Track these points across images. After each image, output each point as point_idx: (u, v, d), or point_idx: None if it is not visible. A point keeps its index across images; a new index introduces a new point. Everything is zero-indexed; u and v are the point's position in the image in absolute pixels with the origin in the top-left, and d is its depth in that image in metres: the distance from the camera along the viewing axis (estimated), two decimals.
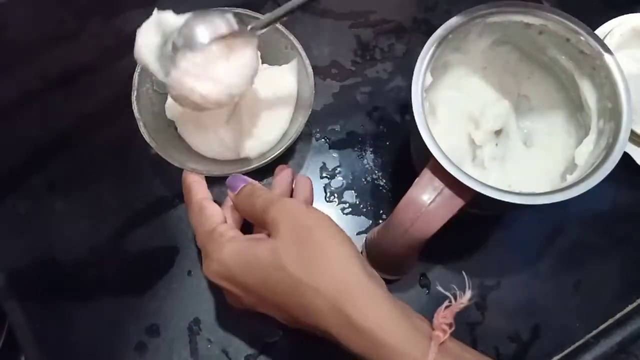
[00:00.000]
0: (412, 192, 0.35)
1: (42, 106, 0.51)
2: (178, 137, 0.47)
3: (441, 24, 0.54)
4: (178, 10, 0.48)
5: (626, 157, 0.47)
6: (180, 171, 0.41)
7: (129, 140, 0.46)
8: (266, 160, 0.42)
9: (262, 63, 0.48)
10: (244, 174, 0.41)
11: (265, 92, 0.46)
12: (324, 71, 0.52)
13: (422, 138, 0.35)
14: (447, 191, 0.34)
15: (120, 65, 0.51)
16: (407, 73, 0.51)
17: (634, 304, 0.44)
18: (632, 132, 0.46)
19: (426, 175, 0.35)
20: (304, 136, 0.50)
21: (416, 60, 0.38)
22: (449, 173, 0.34)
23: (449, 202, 0.34)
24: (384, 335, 0.29)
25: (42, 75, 0.52)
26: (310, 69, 0.45)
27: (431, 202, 0.34)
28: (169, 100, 0.46)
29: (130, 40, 0.52)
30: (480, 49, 0.44)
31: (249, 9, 0.47)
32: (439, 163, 0.34)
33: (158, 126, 0.45)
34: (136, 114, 0.42)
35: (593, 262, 0.46)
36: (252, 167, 0.42)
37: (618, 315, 0.44)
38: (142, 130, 0.42)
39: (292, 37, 0.45)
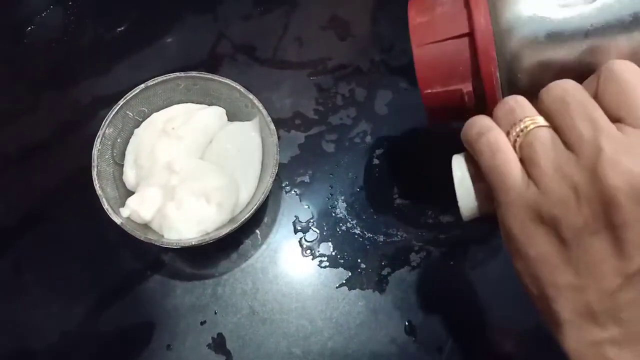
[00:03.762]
0: None
1: (2, 186, 0.49)
2: None
3: (399, 64, 0.55)
4: (138, 74, 0.48)
5: None
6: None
7: (94, 214, 0.45)
8: (237, 224, 0.41)
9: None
10: (214, 240, 0.40)
11: (231, 152, 0.45)
12: (288, 123, 0.52)
13: None
14: None
15: (78, 136, 0.50)
16: (371, 117, 0.52)
17: None
18: None
19: None
20: (274, 190, 0.49)
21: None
22: None
23: None
24: None
25: None
26: (272, 126, 0.44)
27: None
28: (126, 171, 0.45)
29: (86, 111, 0.52)
30: None
31: (205, 70, 0.47)
32: None
33: (123, 197, 0.44)
34: (98, 191, 0.41)
35: None
36: (223, 233, 0.41)
37: None
38: (106, 206, 0.41)
39: (251, 96, 0.45)
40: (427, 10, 0.32)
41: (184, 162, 0.43)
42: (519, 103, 0.27)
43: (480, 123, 0.28)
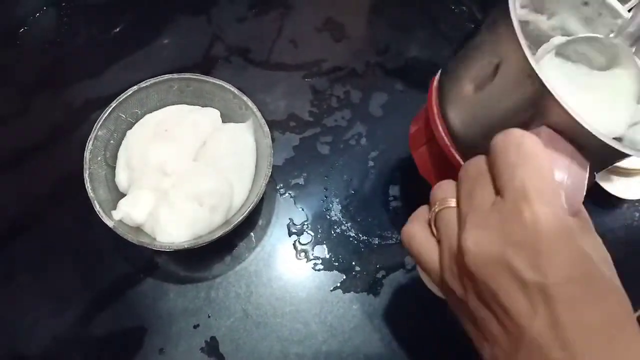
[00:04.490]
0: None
1: None
2: None
3: (395, 66, 0.55)
4: (131, 76, 0.48)
5: (594, 186, 0.47)
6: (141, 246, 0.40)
7: (85, 218, 0.44)
8: (230, 227, 0.40)
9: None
10: (209, 243, 0.40)
11: (224, 154, 0.45)
12: (282, 125, 0.51)
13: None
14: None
15: (70, 139, 0.50)
16: (366, 118, 0.52)
17: None
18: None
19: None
20: (269, 193, 0.49)
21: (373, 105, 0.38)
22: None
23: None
24: None
25: None
26: (266, 128, 0.44)
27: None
28: (118, 173, 0.45)
29: (79, 113, 0.51)
30: None
31: (199, 72, 0.46)
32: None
33: (115, 200, 0.43)
34: (90, 194, 0.41)
35: None
36: (216, 236, 0.40)
37: None
38: (97, 209, 0.41)
39: (245, 98, 0.45)
40: (415, 122, 0.41)
41: (176, 164, 0.43)
42: (441, 187, 0.30)
43: (407, 226, 0.31)
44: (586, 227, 0.27)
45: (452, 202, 0.28)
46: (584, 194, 0.27)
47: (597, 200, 0.48)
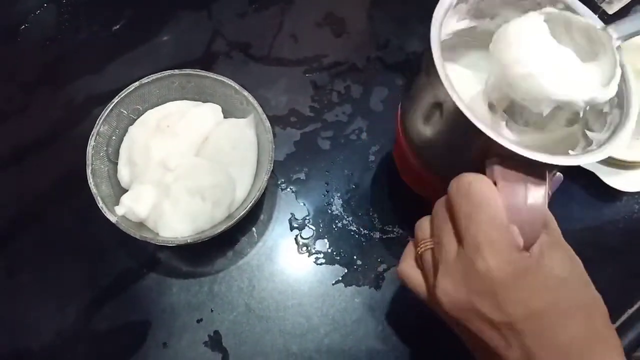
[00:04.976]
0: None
1: None
2: None
3: (395, 61, 0.55)
4: (133, 72, 0.48)
5: (594, 179, 0.48)
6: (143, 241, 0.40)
7: (88, 213, 0.44)
8: (233, 221, 0.41)
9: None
10: (212, 238, 0.40)
11: (226, 149, 0.45)
12: (284, 120, 0.52)
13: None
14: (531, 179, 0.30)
15: (72, 135, 0.50)
16: (367, 113, 0.52)
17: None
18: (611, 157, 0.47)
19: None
20: (270, 188, 0.49)
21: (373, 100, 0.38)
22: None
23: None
24: None
25: None
26: (267, 123, 0.44)
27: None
28: (120, 169, 0.45)
29: (80, 110, 0.51)
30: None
31: (200, 68, 0.46)
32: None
33: (117, 195, 0.43)
34: (93, 190, 0.41)
35: None
36: (219, 231, 0.40)
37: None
38: (100, 205, 0.41)
39: (246, 93, 0.45)
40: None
41: (178, 160, 0.43)
42: (420, 227, 0.33)
43: (400, 266, 0.35)
44: (554, 241, 0.30)
45: (430, 244, 0.32)
46: (546, 211, 0.30)
47: (597, 193, 0.49)
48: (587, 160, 0.30)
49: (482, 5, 0.37)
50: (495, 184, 0.29)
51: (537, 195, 0.30)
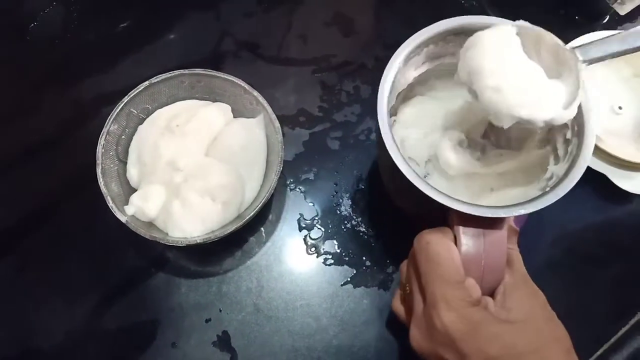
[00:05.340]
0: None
1: (6, 186, 0.49)
2: None
3: None
4: (142, 72, 0.48)
5: (605, 181, 0.48)
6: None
7: (97, 212, 0.45)
8: (242, 222, 0.41)
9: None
10: (222, 238, 0.40)
11: (235, 149, 0.45)
12: (292, 120, 0.51)
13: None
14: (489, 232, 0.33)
15: (82, 134, 0.50)
16: (376, 114, 0.52)
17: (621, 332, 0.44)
18: (614, 157, 0.47)
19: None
20: (279, 188, 0.49)
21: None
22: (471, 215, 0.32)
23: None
24: None
25: (2, 154, 0.50)
26: (277, 123, 0.44)
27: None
28: (130, 168, 0.45)
29: (90, 109, 0.51)
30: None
31: (209, 67, 0.46)
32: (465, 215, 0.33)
33: (127, 195, 0.43)
34: (103, 189, 0.41)
35: (579, 288, 0.46)
36: (229, 231, 0.40)
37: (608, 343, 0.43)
38: (110, 204, 0.41)
39: (255, 93, 0.45)
40: None
41: (188, 160, 0.43)
42: (402, 271, 0.38)
43: (392, 303, 0.39)
44: (515, 282, 0.33)
45: (409, 289, 0.35)
46: (507, 255, 0.33)
47: (608, 195, 0.48)
48: (537, 208, 0.32)
49: (436, 50, 0.39)
50: (455, 237, 0.33)
51: (496, 242, 0.32)
